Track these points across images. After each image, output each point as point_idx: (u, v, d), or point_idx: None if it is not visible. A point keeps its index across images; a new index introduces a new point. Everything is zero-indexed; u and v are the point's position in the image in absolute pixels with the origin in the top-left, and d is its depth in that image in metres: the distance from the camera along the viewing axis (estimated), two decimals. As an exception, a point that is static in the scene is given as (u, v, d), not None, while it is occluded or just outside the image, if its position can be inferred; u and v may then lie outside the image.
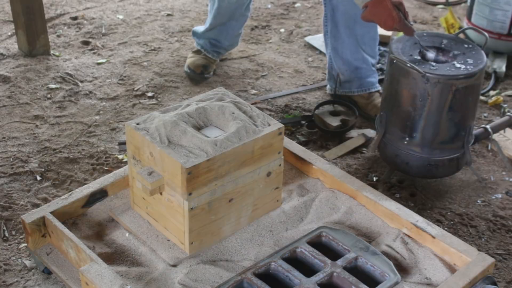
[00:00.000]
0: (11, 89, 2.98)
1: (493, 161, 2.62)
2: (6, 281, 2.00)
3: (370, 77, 2.85)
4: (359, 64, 2.81)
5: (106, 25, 3.58)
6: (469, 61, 2.20)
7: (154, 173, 1.82)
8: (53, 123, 2.76)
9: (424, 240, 1.93)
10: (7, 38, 3.43)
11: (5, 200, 2.32)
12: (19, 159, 2.53)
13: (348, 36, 2.75)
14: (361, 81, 2.84)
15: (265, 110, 2.89)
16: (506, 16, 3.20)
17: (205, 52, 3.09)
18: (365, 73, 2.83)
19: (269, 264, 1.81)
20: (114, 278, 1.72)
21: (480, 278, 1.81)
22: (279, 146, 1.95)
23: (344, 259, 1.82)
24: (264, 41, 3.52)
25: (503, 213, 2.35)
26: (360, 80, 2.83)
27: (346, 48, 2.78)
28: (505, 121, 2.55)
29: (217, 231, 1.91)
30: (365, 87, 2.85)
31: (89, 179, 2.44)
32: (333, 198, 2.11)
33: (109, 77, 3.11)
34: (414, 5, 4.02)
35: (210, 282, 1.79)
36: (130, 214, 2.01)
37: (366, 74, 2.83)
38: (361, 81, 2.84)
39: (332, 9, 2.73)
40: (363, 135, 2.70)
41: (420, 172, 2.36)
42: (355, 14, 2.69)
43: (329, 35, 2.80)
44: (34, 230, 1.93)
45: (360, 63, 2.81)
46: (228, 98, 2.00)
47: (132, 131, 1.87)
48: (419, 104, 2.21)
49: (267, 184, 1.98)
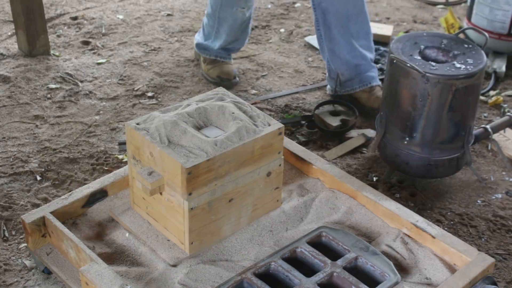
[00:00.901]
0: (11, 89, 2.98)
1: (493, 161, 2.62)
2: (6, 281, 2.00)
3: (370, 72, 2.85)
4: (358, 61, 2.81)
5: (106, 25, 3.58)
6: (469, 61, 2.20)
7: (154, 173, 1.82)
8: (53, 123, 2.76)
9: (424, 240, 1.93)
10: (7, 38, 3.43)
11: (5, 200, 2.32)
12: (19, 159, 2.53)
13: (343, 36, 2.75)
14: (361, 76, 2.84)
15: (265, 110, 2.89)
16: (506, 16, 3.20)
17: (222, 59, 3.07)
18: (365, 68, 2.83)
19: (269, 264, 1.81)
20: (114, 278, 1.72)
21: (480, 278, 1.81)
22: (279, 146, 1.95)
23: (344, 259, 1.82)
24: (264, 41, 3.52)
25: (503, 213, 2.35)
26: (360, 76, 2.84)
27: (343, 48, 2.78)
28: (505, 121, 2.55)
29: (217, 231, 1.91)
30: (366, 82, 2.85)
31: (89, 179, 2.44)
32: (333, 198, 2.11)
33: (109, 77, 3.11)
34: (414, 5, 4.02)
35: (210, 282, 1.79)
36: (130, 214, 2.01)
37: (365, 69, 2.84)
38: (361, 77, 2.84)
39: (323, 12, 2.73)
40: (363, 135, 2.70)
41: (420, 172, 2.36)
42: (347, 12, 2.69)
43: (324, 38, 2.80)
44: (34, 230, 1.93)
45: (359, 60, 2.81)
46: (228, 98, 2.00)
47: (132, 131, 1.87)
48: (419, 104, 2.21)
49: (267, 184, 1.98)
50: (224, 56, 3.06)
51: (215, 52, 3.05)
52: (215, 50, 3.04)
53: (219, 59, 3.06)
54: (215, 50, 3.03)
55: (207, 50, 3.06)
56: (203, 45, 3.07)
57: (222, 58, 3.06)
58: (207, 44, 3.05)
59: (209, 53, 3.06)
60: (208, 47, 3.05)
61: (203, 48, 3.08)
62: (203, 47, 3.07)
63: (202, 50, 3.08)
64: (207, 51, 3.06)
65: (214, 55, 3.06)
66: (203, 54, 3.08)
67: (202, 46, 3.08)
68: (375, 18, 3.84)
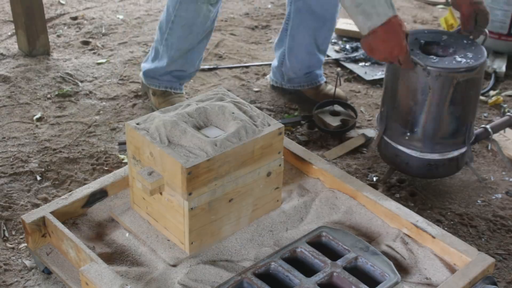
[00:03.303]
0: (11, 89, 2.98)
1: (493, 161, 2.62)
2: (6, 281, 2.00)
3: (318, 70, 2.89)
4: (313, 64, 2.83)
5: (106, 25, 3.58)
6: (470, 55, 2.20)
7: (154, 173, 1.82)
8: (53, 123, 2.77)
9: (424, 240, 1.93)
10: (7, 38, 3.43)
11: (5, 200, 2.32)
12: (19, 159, 2.53)
13: (308, 37, 2.75)
14: (311, 75, 2.86)
15: (265, 110, 2.89)
16: (506, 16, 3.20)
17: (174, 90, 2.77)
18: (314, 70, 2.86)
19: (269, 264, 1.81)
20: (114, 278, 1.72)
21: (480, 278, 1.81)
22: (279, 146, 1.95)
23: (344, 259, 1.82)
24: (264, 41, 3.52)
25: (503, 213, 2.35)
26: (310, 75, 2.86)
27: (304, 49, 2.78)
28: (505, 121, 2.55)
29: (217, 231, 1.91)
30: (314, 80, 2.87)
31: (89, 179, 2.44)
32: (333, 198, 2.11)
33: (109, 77, 3.11)
34: (414, 5, 4.02)
35: (210, 282, 1.79)
36: (130, 214, 2.01)
37: (315, 69, 2.87)
38: (310, 75, 2.86)
39: (298, 9, 2.71)
40: (363, 135, 2.70)
41: (420, 172, 2.36)
42: (323, 15, 2.69)
43: (288, 34, 2.78)
44: (34, 230, 1.93)
45: (314, 63, 2.83)
46: (228, 98, 2.00)
47: (132, 131, 1.87)
48: (420, 98, 2.20)
49: (267, 184, 1.98)
50: (176, 87, 2.77)
51: (165, 82, 2.75)
52: (164, 78, 2.74)
53: (170, 90, 2.77)
54: (165, 76, 2.73)
55: (155, 79, 2.76)
56: (151, 71, 2.75)
57: (173, 89, 2.77)
58: (155, 67, 2.73)
59: (159, 83, 2.76)
60: (156, 73, 2.73)
61: (151, 76, 2.76)
62: (151, 74, 2.76)
63: (150, 79, 2.77)
64: (156, 81, 2.76)
65: (164, 85, 2.76)
66: (152, 86, 2.78)
67: (150, 74, 2.76)
68: (375, 18, 3.84)
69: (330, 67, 3.29)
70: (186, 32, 2.56)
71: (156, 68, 2.72)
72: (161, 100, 2.76)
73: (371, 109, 2.95)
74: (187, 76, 2.77)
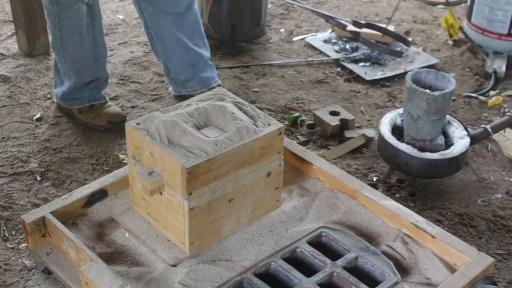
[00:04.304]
0: (11, 89, 2.98)
1: (493, 161, 2.62)
2: (6, 281, 2.00)
3: (208, 72, 2.86)
4: (194, 60, 2.80)
5: (106, 25, 3.58)
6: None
7: (154, 173, 1.82)
8: (53, 123, 2.76)
9: (424, 240, 1.93)
10: (7, 38, 3.43)
11: (5, 200, 2.32)
12: (19, 159, 2.53)
13: (175, 36, 2.73)
14: (200, 78, 2.84)
15: (265, 110, 2.89)
16: (506, 16, 3.20)
17: (98, 101, 2.72)
18: (202, 69, 2.84)
19: (269, 264, 1.81)
20: (114, 278, 1.72)
21: (480, 278, 1.81)
22: (279, 146, 1.95)
23: (344, 259, 1.82)
24: (264, 41, 3.52)
25: (503, 213, 2.35)
26: (200, 77, 2.84)
27: (178, 48, 2.76)
28: (505, 121, 2.55)
29: (217, 231, 1.91)
30: (206, 83, 2.85)
31: (89, 179, 2.44)
32: (333, 198, 2.11)
33: (109, 77, 3.11)
34: (414, 5, 4.02)
35: (210, 282, 1.79)
36: (130, 214, 2.01)
37: (203, 70, 2.84)
38: (200, 78, 2.84)
39: (151, 16, 2.68)
40: (363, 135, 2.70)
41: (420, 172, 2.36)
42: (176, 11, 2.67)
43: (155, 40, 2.76)
44: (34, 230, 1.93)
45: (195, 59, 2.80)
46: (228, 98, 2.00)
47: (132, 131, 1.87)
48: None
49: (267, 184, 1.98)
50: (99, 98, 2.72)
51: (87, 97, 2.69)
52: (84, 94, 2.68)
53: (95, 103, 2.71)
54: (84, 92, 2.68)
55: (76, 99, 2.70)
56: (67, 93, 2.68)
57: (98, 101, 2.71)
58: (69, 87, 2.67)
59: (81, 101, 2.69)
60: (74, 92, 2.68)
61: (69, 98, 2.70)
62: (69, 96, 2.69)
63: (70, 101, 2.70)
64: (78, 100, 2.70)
65: (87, 99, 2.70)
66: (75, 105, 2.70)
67: (67, 96, 2.70)
68: (375, 18, 3.84)
69: (330, 67, 3.29)
70: (77, 40, 2.57)
71: (70, 88, 2.67)
72: (92, 115, 2.70)
73: (371, 109, 2.95)
74: (104, 82, 2.75)
